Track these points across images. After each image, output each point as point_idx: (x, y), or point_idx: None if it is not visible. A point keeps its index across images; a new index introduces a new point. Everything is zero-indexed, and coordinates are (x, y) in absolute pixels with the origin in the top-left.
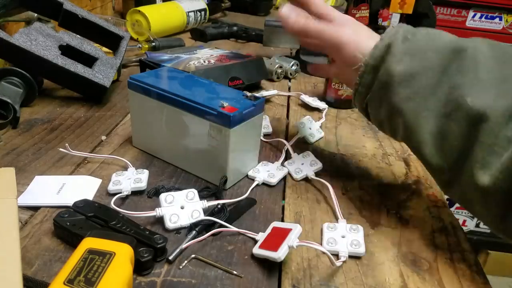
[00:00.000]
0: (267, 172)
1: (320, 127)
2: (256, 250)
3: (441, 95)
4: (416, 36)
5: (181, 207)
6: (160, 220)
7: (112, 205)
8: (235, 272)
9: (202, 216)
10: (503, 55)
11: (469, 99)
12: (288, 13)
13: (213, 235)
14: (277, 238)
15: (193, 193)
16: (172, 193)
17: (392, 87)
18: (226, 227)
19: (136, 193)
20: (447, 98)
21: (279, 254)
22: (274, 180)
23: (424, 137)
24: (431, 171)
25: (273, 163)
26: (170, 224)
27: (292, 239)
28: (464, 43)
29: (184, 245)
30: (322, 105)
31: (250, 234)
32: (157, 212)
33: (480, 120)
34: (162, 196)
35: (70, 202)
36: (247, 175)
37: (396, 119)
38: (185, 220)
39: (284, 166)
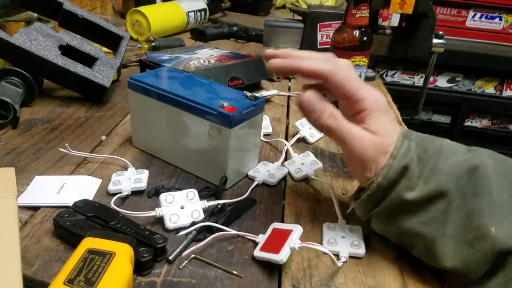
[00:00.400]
0: (267, 172)
1: None
2: (258, 253)
3: (460, 221)
4: (427, 153)
5: (181, 207)
6: (160, 220)
7: (112, 205)
8: (235, 272)
9: (202, 216)
10: (508, 170)
11: (493, 229)
12: (312, 105)
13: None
14: (278, 240)
15: (193, 193)
16: (172, 193)
17: (406, 211)
18: (226, 230)
19: (136, 193)
20: (467, 224)
21: (281, 257)
22: (274, 180)
23: (444, 260)
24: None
25: (273, 163)
26: (170, 224)
27: (294, 241)
28: (474, 161)
29: (183, 245)
30: None
31: (250, 236)
32: (157, 212)
33: (508, 253)
34: (162, 196)
35: (70, 202)
36: (247, 175)
37: (409, 239)
38: (185, 220)
39: (284, 166)
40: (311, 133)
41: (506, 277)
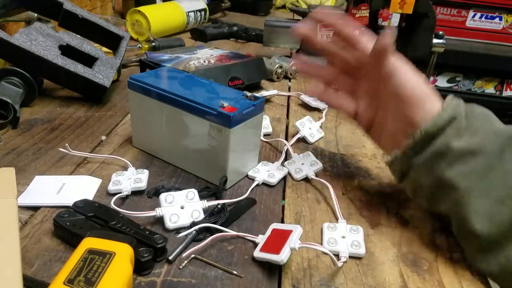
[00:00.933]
0: (267, 172)
1: (320, 127)
2: (258, 254)
3: (496, 179)
4: (473, 113)
5: (181, 207)
6: (160, 220)
7: (112, 205)
8: (235, 272)
9: (202, 216)
10: None
11: None
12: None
13: (212, 235)
14: (278, 240)
15: (193, 193)
16: (172, 193)
17: (449, 160)
18: (226, 231)
19: (136, 193)
20: (502, 182)
21: (282, 257)
22: (274, 180)
23: (474, 218)
24: (470, 237)
25: (273, 163)
26: (170, 224)
27: (294, 241)
28: None
29: (183, 245)
30: (322, 105)
31: (250, 237)
32: (157, 212)
33: None
34: (162, 196)
35: (70, 202)
36: (247, 175)
37: (443, 191)
38: (185, 220)
39: (284, 166)
40: (311, 133)
41: None
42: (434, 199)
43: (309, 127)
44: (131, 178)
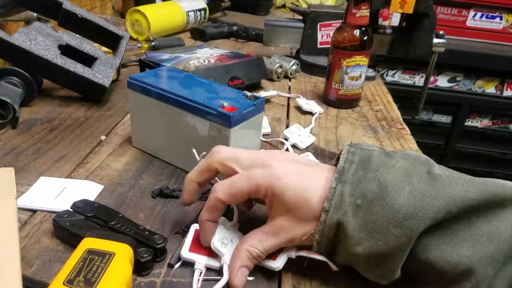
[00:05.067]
0: None
1: (310, 132)
2: None
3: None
4: (367, 197)
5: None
6: (160, 220)
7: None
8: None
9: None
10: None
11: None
12: None
13: None
14: None
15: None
16: (224, 235)
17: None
18: None
19: (136, 192)
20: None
21: (278, 264)
22: None
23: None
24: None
25: None
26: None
27: (291, 249)
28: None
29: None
30: (315, 108)
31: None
32: (223, 260)
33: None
34: (217, 244)
35: (66, 208)
36: None
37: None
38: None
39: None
40: (301, 140)
41: None
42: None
43: (299, 134)
44: None
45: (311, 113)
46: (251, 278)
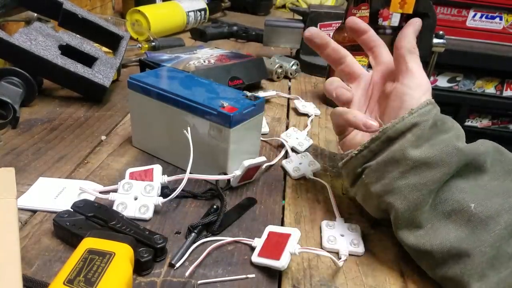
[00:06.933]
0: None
1: (307, 134)
2: (256, 259)
3: (444, 194)
4: (444, 125)
5: (135, 198)
6: (160, 221)
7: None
8: (244, 276)
9: (150, 215)
10: (509, 162)
11: (473, 206)
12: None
13: (213, 235)
14: (276, 245)
15: (151, 186)
16: (132, 181)
17: (403, 169)
18: (221, 239)
19: None
20: (449, 197)
21: (283, 263)
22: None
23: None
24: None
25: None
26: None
27: (294, 246)
28: (480, 150)
29: (184, 249)
30: (310, 111)
31: (246, 241)
32: (110, 196)
33: (482, 226)
34: (121, 183)
35: (65, 208)
36: None
37: (389, 200)
38: (130, 212)
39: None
40: (299, 142)
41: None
42: (381, 211)
43: (296, 137)
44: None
45: (306, 115)
46: (252, 276)
